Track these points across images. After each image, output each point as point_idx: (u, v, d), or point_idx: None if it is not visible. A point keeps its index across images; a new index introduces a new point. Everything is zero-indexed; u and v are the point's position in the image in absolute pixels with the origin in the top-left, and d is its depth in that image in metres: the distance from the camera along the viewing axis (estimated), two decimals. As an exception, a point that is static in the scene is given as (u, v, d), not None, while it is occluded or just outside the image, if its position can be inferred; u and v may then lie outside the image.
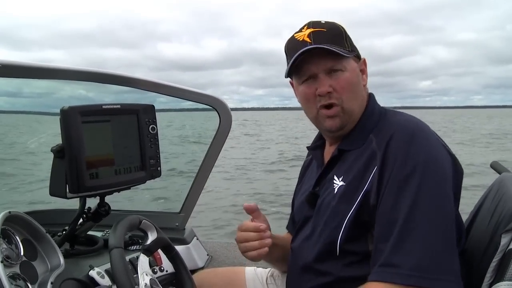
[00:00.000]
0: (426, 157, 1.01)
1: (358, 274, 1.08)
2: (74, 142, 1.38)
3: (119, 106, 1.52)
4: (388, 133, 1.07)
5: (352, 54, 1.16)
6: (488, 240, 1.14)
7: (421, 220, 0.97)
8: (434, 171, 1.01)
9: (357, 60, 1.20)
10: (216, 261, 2.17)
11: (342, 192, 1.12)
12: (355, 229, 1.08)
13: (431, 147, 1.04)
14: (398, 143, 1.04)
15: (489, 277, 1.03)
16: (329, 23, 1.18)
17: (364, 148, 1.12)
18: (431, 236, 0.96)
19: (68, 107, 1.38)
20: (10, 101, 2.82)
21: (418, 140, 1.03)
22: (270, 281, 1.54)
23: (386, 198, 1.02)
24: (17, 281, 1.13)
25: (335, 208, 1.12)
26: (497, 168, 1.62)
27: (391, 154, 1.04)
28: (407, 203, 0.98)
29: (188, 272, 1.37)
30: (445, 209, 1.00)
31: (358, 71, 1.19)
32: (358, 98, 1.18)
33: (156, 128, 1.61)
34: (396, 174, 1.01)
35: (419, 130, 1.06)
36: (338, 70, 1.14)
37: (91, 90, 1.66)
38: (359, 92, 1.18)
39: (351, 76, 1.15)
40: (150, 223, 1.30)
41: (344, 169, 1.15)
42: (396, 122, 1.11)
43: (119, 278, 1.07)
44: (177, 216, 2.09)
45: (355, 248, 1.09)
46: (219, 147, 1.97)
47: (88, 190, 1.45)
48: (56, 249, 1.32)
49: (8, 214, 1.20)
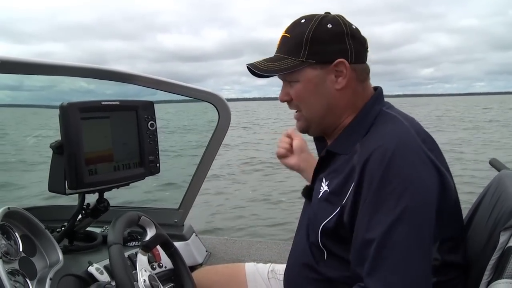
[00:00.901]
0: (404, 181, 0.97)
1: (345, 276, 1.07)
2: (73, 138, 1.38)
3: (118, 102, 1.52)
4: (369, 150, 1.02)
5: (303, 65, 1.11)
6: (486, 238, 1.14)
7: (394, 249, 0.94)
8: (414, 198, 0.96)
9: (322, 66, 1.11)
10: (215, 257, 2.17)
11: (324, 198, 1.12)
12: (332, 236, 1.08)
13: (411, 169, 0.99)
14: (375, 165, 0.99)
15: (487, 274, 1.03)
16: (304, 24, 1.12)
17: (349, 158, 1.09)
18: (404, 266, 0.94)
19: (67, 104, 1.38)
20: (12, 95, 2.81)
21: (397, 162, 0.98)
22: (271, 275, 1.54)
23: (360, 222, 0.99)
24: (16, 277, 1.13)
25: (316, 212, 1.13)
26: (496, 165, 1.61)
27: (367, 176, 1.00)
28: (381, 230, 0.95)
29: (186, 268, 1.38)
30: (422, 237, 0.96)
31: (319, 79, 1.12)
32: (316, 107, 1.15)
33: (155, 124, 1.62)
34: (371, 199, 0.98)
35: (400, 150, 1.00)
36: (293, 79, 1.14)
37: (92, 82, 1.67)
38: (318, 101, 1.14)
39: (303, 87, 1.13)
40: (149, 219, 1.30)
41: (331, 173, 1.14)
42: (382, 136, 1.05)
43: (117, 274, 1.08)
44: (175, 213, 2.09)
45: (338, 252, 1.09)
46: (218, 143, 1.97)
47: (87, 186, 1.45)
48: (55, 245, 1.32)
49: (7, 210, 1.20)
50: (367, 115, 1.14)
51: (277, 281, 1.52)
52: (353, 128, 1.14)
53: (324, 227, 1.08)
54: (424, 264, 0.96)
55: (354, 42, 1.12)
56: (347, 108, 1.15)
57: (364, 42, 1.16)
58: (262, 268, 1.57)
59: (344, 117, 1.16)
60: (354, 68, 1.12)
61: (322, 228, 1.08)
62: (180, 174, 3.27)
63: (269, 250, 2.25)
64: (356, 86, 1.14)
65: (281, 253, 2.22)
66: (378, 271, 0.94)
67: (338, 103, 1.15)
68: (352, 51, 1.11)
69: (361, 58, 1.15)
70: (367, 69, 1.17)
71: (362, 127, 1.12)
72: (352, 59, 1.11)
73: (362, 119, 1.14)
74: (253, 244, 2.31)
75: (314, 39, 1.10)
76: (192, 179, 2.03)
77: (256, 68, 1.15)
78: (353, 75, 1.12)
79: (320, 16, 1.13)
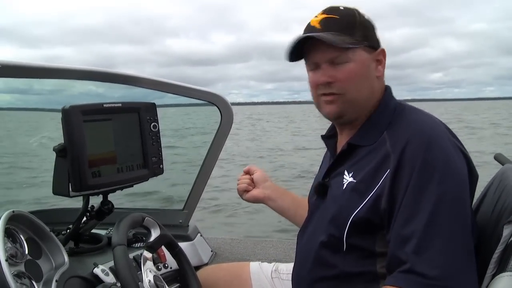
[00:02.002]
0: (444, 165, 1.00)
1: (363, 270, 1.08)
2: (76, 141, 1.39)
3: (120, 104, 1.53)
4: (403, 137, 1.05)
5: (361, 44, 1.12)
6: (490, 232, 1.13)
7: (441, 229, 0.96)
8: (452, 178, 1.00)
9: (370, 50, 1.15)
10: (220, 257, 2.17)
11: (350, 189, 1.11)
12: (361, 227, 1.07)
13: (448, 153, 1.02)
14: (415, 150, 1.02)
15: (491, 268, 1.03)
16: (347, 9, 1.15)
17: (377, 147, 1.10)
18: (452, 246, 0.96)
19: (69, 107, 1.39)
20: (21, 98, 2.83)
21: (435, 146, 1.02)
22: (274, 275, 1.54)
23: (404, 206, 1.00)
24: (22, 279, 1.14)
25: (343, 204, 1.11)
26: (501, 159, 1.61)
27: (408, 161, 1.02)
28: (426, 212, 0.97)
29: (192, 269, 1.38)
30: (464, 216, 0.99)
31: (369, 62, 1.15)
32: (363, 90, 1.15)
33: (157, 126, 1.62)
34: (414, 182, 1.00)
35: (435, 135, 1.04)
36: (342, 60, 1.12)
37: (100, 86, 1.68)
38: (366, 84, 1.15)
39: (356, 67, 1.12)
40: (153, 220, 1.31)
41: (355, 165, 1.14)
42: (412, 124, 1.08)
43: (123, 275, 1.08)
44: (180, 213, 2.10)
45: (361, 244, 1.09)
46: (221, 143, 1.98)
47: (90, 189, 1.46)
48: (61, 247, 1.33)
49: (12, 213, 1.21)
50: (387, 108, 1.17)
51: (280, 280, 1.52)
52: (375, 120, 1.16)
53: (355, 217, 1.07)
54: (468, 245, 0.99)
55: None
56: (376, 96, 1.18)
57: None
58: (266, 268, 1.58)
59: (371, 105, 1.18)
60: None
61: (352, 218, 1.07)
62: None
63: (275, 249, 2.25)
64: (383, 77, 1.20)
65: (286, 252, 2.22)
66: (425, 255, 0.96)
67: (376, 90, 1.18)
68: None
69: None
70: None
71: (384, 119, 1.15)
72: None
73: (383, 111, 1.17)
74: (258, 243, 2.31)
75: (364, 23, 1.15)
76: (195, 180, 2.04)
77: (324, 39, 1.09)
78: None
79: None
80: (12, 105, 4.47)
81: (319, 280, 1.16)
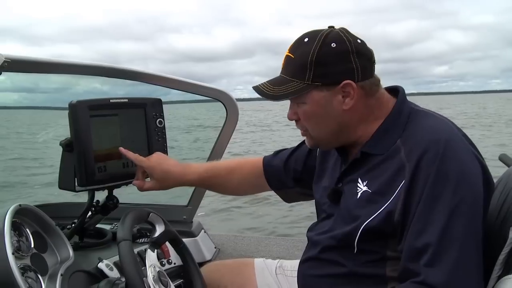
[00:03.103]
0: (459, 176, 0.99)
1: (372, 272, 1.09)
2: (83, 135, 1.40)
3: (127, 100, 1.53)
4: (419, 146, 1.03)
5: (310, 87, 1.09)
6: (496, 234, 1.13)
7: (454, 242, 0.96)
8: (467, 190, 0.99)
9: (329, 88, 1.10)
10: (224, 254, 2.18)
11: (365, 198, 1.10)
12: (372, 234, 1.07)
13: (463, 164, 1.01)
14: (430, 161, 1.00)
15: (497, 270, 1.03)
16: (307, 44, 1.10)
17: (391, 155, 1.09)
18: (464, 259, 0.96)
19: (76, 102, 1.40)
20: (28, 97, 2.86)
21: (451, 156, 1.00)
22: (279, 271, 1.54)
23: (418, 217, 1.00)
24: (28, 273, 1.14)
25: (356, 212, 1.11)
26: (506, 161, 1.60)
27: (423, 172, 1.01)
28: (440, 224, 0.97)
29: (195, 265, 1.38)
30: (476, 230, 0.99)
31: (326, 100, 1.11)
32: (324, 128, 1.15)
33: (163, 121, 1.63)
34: (428, 194, 0.99)
35: (451, 143, 1.02)
36: (299, 101, 1.14)
37: (105, 83, 1.69)
38: (327, 121, 1.14)
39: (311, 108, 1.13)
40: (158, 215, 1.31)
41: (369, 173, 1.12)
42: (427, 132, 1.06)
43: (127, 269, 1.08)
44: (184, 209, 2.10)
45: (372, 248, 1.09)
46: (227, 139, 1.98)
47: (96, 183, 1.47)
48: (66, 242, 1.33)
49: (18, 207, 1.22)
50: (400, 114, 1.14)
51: (285, 277, 1.52)
52: (388, 129, 1.13)
53: (367, 226, 1.07)
54: (479, 258, 0.98)
55: (359, 59, 1.09)
56: (361, 122, 1.15)
57: (370, 56, 1.13)
58: (271, 264, 1.58)
59: (362, 129, 1.15)
60: (362, 86, 1.11)
61: (364, 226, 1.07)
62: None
63: (278, 246, 2.26)
64: (367, 101, 1.13)
65: (290, 249, 2.22)
66: (438, 264, 0.96)
67: (348, 121, 1.14)
68: (359, 69, 1.09)
69: (368, 74, 1.12)
70: (376, 81, 1.15)
71: (398, 126, 1.12)
72: (358, 78, 1.09)
73: (396, 119, 1.13)
74: (262, 240, 2.32)
75: (319, 61, 1.08)
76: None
77: (262, 94, 1.16)
78: (362, 92, 1.11)
79: (324, 33, 1.10)
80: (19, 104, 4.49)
81: (326, 276, 1.17)
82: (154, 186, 1.51)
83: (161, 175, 1.49)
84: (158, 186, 1.51)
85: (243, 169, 1.57)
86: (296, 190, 1.50)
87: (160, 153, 1.55)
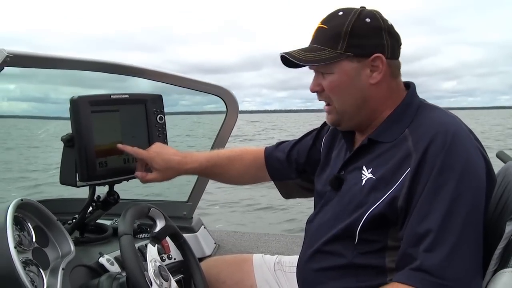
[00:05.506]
0: (464, 167, 1.01)
1: (371, 263, 1.10)
2: (84, 131, 1.41)
3: (128, 95, 1.54)
4: (426, 136, 1.05)
5: (342, 57, 1.11)
6: (493, 228, 1.14)
7: (454, 230, 0.97)
8: (470, 181, 1.01)
9: (360, 59, 1.12)
10: (223, 249, 2.19)
11: (370, 185, 1.11)
12: (376, 222, 1.08)
13: (469, 156, 1.03)
14: (437, 151, 1.02)
15: (493, 264, 1.04)
16: (342, 17, 1.13)
17: (398, 144, 1.10)
18: (463, 248, 0.97)
19: (77, 97, 1.41)
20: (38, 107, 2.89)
21: (457, 146, 1.02)
22: (277, 267, 1.55)
23: (420, 204, 1.01)
24: (30, 267, 1.15)
25: (360, 200, 1.12)
26: (503, 157, 1.62)
27: (429, 161, 1.02)
28: (442, 211, 0.98)
29: (196, 260, 1.39)
30: (477, 221, 1.00)
31: (356, 72, 1.13)
32: (349, 100, 1.16)
33: (164, 117, 1.63)
34: (432, 182, 1.01)
35: (458, 135, 1.04)
36: (326, 71, 1.15)
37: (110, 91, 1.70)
38: (352, 94, 1.15)
39: (339, 78, 1.14)
40: (159, 211, 1.32)
41: (374, 160, 1.14)
42: (436, 123, 1.08)
43: (128, 263, 1.09)
44: (184, 205, 2.11)
45: (373, 238, 1.10)
46: (226, 136, 1.99)
47: (97, 179, 1.48)
48: (67, 237, 1.34)
49: (20, 201, 1.22)
50: (410, 105, 1.16)
51: (283, 273, 1.53)
52: (397, 118, 1.15)
53: (372, 213, 1.08)
54: (478, 249, 1.00)
55: (390, 37, 1.14)
56: (382, 102, 1.17)
57: (398, 39, 1.17)
58: (269, 260, 1.59)
59: (380, 111, 1.17)
60: (389, 64, 1.14)
61: (369, 214, 1.08)
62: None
63: (277, 242, 2.27)
64: (390, 82, 1.16)
65: (289, 245, 2.23)
66: (437, 250, 0.97)
67: (372, 97, 1.16)
68: (389, 47, 1.13)
69: (396, 54, 1.16)
70: (400, 66, 1.19)
71: (406, 116, 1.14)
72: (388, 55, 1.13)
73: (406, 109, 1.16)
74: (261, 236, 2.33)
75: (353, 32, 1.11)
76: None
77: (293, 58, 1.15)
78: (388, 70, 1.14)
79: (358, 9, 1.14)
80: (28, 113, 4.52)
81: (325, 269, 1.17)
82: (156, 177, 1.51)
83: (162, 165, 1.49)
84: (160, 176, 1.50)
85: (244, 159, 1.58)
86: (297, 182, 1.51)
87: (159, 143, 1.55)
